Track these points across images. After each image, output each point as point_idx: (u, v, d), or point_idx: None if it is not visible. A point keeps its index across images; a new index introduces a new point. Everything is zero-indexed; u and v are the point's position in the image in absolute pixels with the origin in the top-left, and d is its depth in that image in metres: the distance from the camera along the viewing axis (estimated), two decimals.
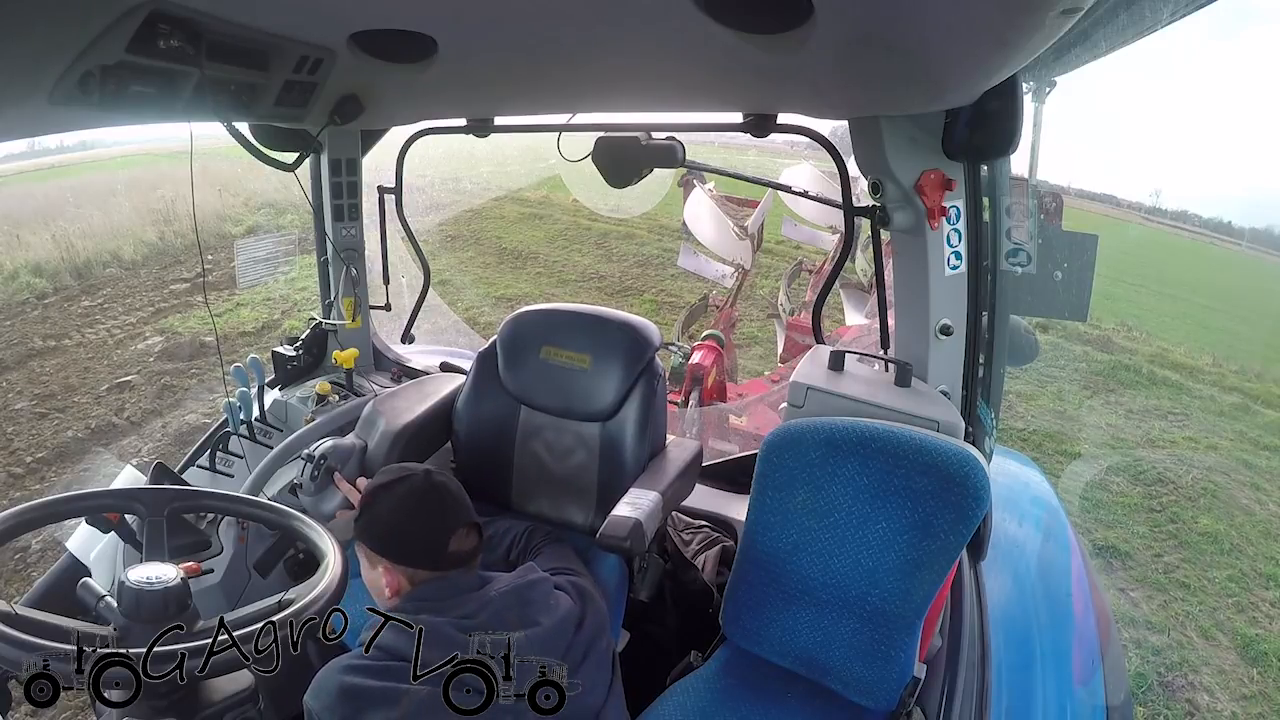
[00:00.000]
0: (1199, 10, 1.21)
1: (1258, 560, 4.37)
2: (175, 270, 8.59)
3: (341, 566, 1.08)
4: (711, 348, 3.74)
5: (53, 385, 5.81)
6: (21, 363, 6.21)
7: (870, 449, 1.33)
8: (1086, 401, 6.88)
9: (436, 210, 10.93)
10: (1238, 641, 3.65)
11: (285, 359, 2.10)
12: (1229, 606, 3.93)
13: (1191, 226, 16.27)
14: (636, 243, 10.89)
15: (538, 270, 9.81)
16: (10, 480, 4.45)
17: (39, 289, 7.75)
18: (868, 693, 1.32)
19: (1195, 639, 3.64)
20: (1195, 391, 7.62)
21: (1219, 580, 4.14)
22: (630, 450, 1.68)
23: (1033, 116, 1.77)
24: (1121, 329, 9.12)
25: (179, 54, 1.10)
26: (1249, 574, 4.24)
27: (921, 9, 0.88)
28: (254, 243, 5.97)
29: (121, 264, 8.70)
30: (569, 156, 1.87)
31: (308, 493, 1.56)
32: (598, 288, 9.18)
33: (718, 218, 4.13)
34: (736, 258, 4.18)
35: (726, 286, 4.41)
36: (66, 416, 5.28)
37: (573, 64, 1.38)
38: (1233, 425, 6.78)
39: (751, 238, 4.14)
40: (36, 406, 5.41)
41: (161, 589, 0.93)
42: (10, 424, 5.16)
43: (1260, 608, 3.93)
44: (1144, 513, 4.83)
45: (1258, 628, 3.73)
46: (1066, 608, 1.90)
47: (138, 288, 8.10)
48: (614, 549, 1.38)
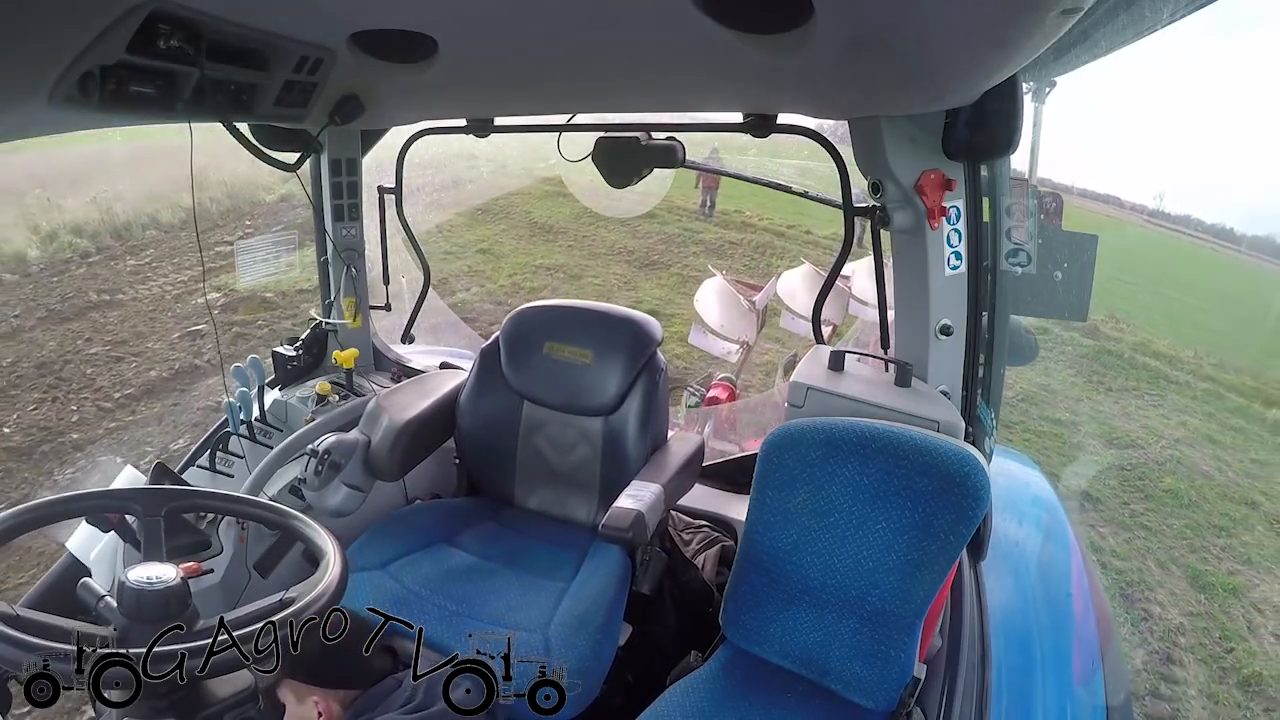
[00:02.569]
0: (1199, 9, 1.20)
1: (1212, 515, 5.09)
2: (215, 234, 8.80)
3: (342, 566, 1.08)
4: (726, 387, 4.25)
5: (121, 333, 6.14)
6: (81, 314, 6.53)
7: (870, 449, 1.33)
8: (1070, 378, 7.45)
9: (457, 186, 11.23)
10: (1188, 573, 4.33)
11: (285, 359, 2.10)
12: (1183, 547, 4.61)
13: (1193, 231, 16.30)
14: (659, 221, 11.36)
15: (569, 244, 10.25)
16: (101, 413, 4.85)
17: (81, 248, 8.00)
18: (868, 693, 1.32)
19: (1153, 568, 4.34)
20: (1172, 378, 8.24)
21: (1176, 527, 4.83)
22: (632, 444, 1.70)
23: (1033, 116, 1.77)
24: (1110, 320, 9.46)
25: (179, 54, 1.09)
26: (1203, 525, 4.93)
27: (921, 9, 0.88)
28: (254, 243, 6.17)
29: (160, 227, 8.85)
30: (569, 156, 1.88)
31: (311, 488, 1.57)
32: (627, 261, 9.67)
33: (726, 297, 4.68)
34: (742, 335, 4.65)
35: (732, 362, 4.82)
36: (143, 360, 5.63)
37: (573, 64, 1.38)
38: (1203, 407, 7.48)
39: (758, 314, 4.63)
40: (111, 351, 5.78)
41: (161, 589, 0.93)
42: (89, 366, 5.54)
43: (1210, 550, 4.62)
44: (1115, 469, 5.53)
45: (1207, 565, 4.42)
46: (1066, 608, 1.90)
47: (181, 249, 8.31)
48: (616, 540, 1.39)
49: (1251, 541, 4.85)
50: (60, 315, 6.48)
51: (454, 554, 1.60)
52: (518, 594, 1.49)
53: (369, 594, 1.42)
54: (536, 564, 1.60)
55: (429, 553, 1.59)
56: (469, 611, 1.43)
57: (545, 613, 1.43)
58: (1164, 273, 14.60)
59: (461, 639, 1.33)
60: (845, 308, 4.29)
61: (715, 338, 4.77)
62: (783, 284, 4.68)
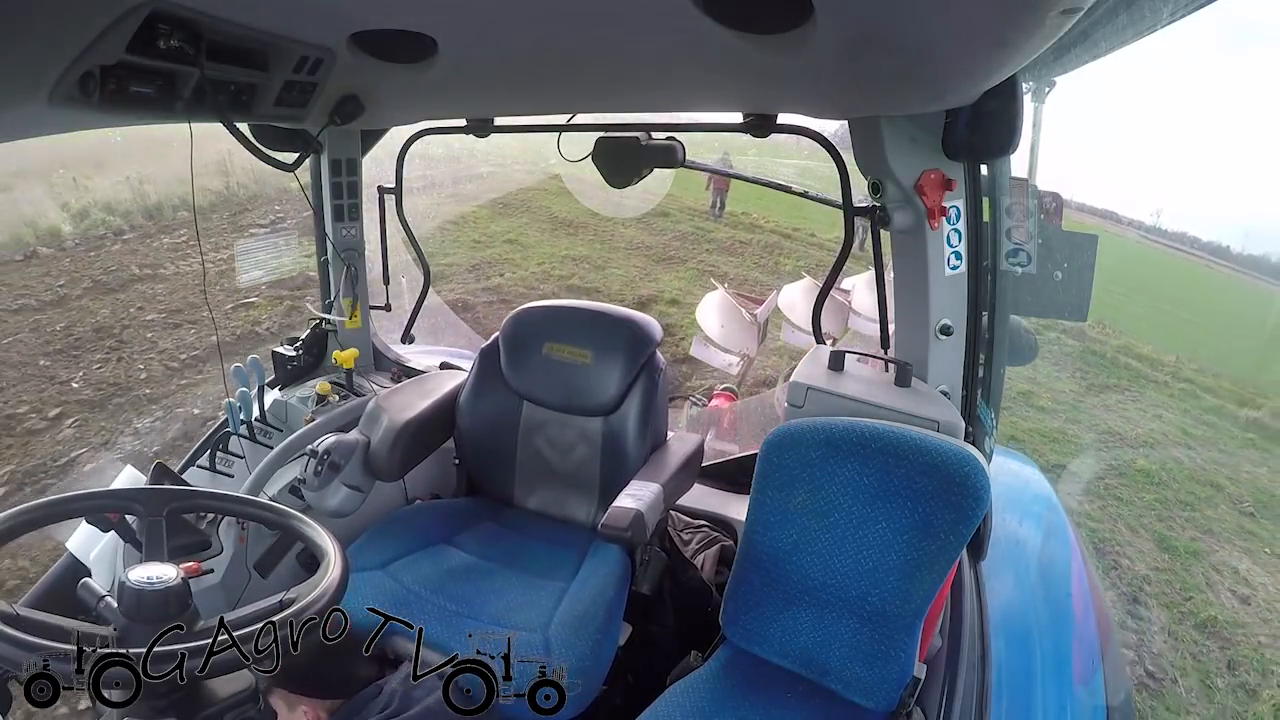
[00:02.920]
0: (1199, 9, 1.20)
1: (1180, 492, 5.71)
2: (247, 216, 9.03)
3: (342, 566, 1.08)
4: (727, 396, 4.33)
5: (174, 303, 6.40)
6: (126, 286, 6.77)
7: (870, 449, 1.33)
8: (1055, 373, 8.00)
9: (477, 180, 11.68)
10: (1155, 537, 4.92)
11: (285, 359, 2.10)
12: (1152, 517, 5.21)
13: (1189, 248, 16.38)
14: (672, 220, 11.99)
15: (589, 237, 10.68)
16: (169, 372, 5.11)
17: (114, 225, 8.22)
18: (868, 693, 1.32)
19: (1123, 530, 4.94)
20: (1152, 378, 8.90)
21: (1147, 499, 5.46)
22: (632, 444, 1.70)
23: (1033, 116, 1.77)
24: (1096, 325, 9.91)
25: (179, 54, 1.10)
26: (1170, 500, 5.53)
27: (921, 9, 0.88)
28: (254, 243, 6.27)
29: (190, 208, 8.95)
30: (569, 156, 1.88)
31: (311, 488, 1.57)
32: (646, 255, 10.16)
33: (727, 309, 4.73)
34: (742, 348, 4.70)
35: (733, 374, 4.86)
36: (201, 327, 5.88)
37: (573, 64, 1.38)
38: (1179, 404, 8.13)
39: (759, 326, 4.67)
40: (168, 319, 6.06)
41: (161, 589, 0.93)
42: (148, 331, 5.85)
43: (1176, 520, 5.23)
44: (1093, 450, 6.26)
45: (1172, 532, 5.03)
46: (1066, 608, 1.90)
47: (213, 230, 8.50)
48: (615, 539, 1.39)
49: (1214, 516, 5.39)
50: (106, 286, 6.65)
51: (454, 554, 1.60)
52: (517, 594, 1.49)
53: (369, 594, 1.42)
54: (536, 564, 1.60)
55: (429, 553, 1.59)
56: (469, 612, 1.43)
57: (545, 613, 1.43)
58: (1157, 286, 14.80)
59: (461, 639, 1.33)
60: (844, 320, 4.36)
61: (716, 350, 4.86)
62: (783, 298, 4.76)
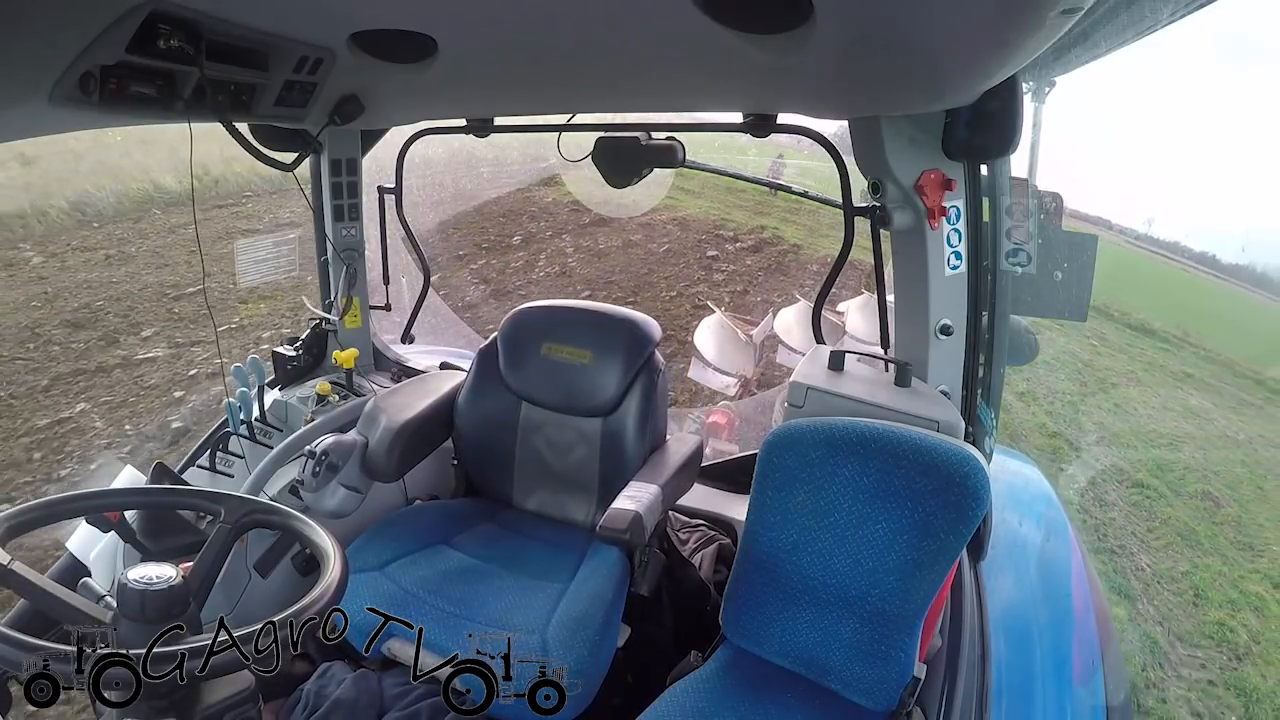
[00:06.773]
0: (1198, 9, 1.21)
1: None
2: (281, 198, 9.32)
3: (342, 566, 1.08)
4: (725, 413, 4.37)
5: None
6: (273, 229, 7.51)
7: (870, 449, 1.33)
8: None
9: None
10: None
11: (285, 359, 2.09)
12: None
13: (1182, 258, 16.48)
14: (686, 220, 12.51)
15: (608, 231, 10.99)
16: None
17: (160, 201, 8.61)
18: (868, 693, 1.32)
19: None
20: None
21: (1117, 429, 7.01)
22: (631, 445, 1.69)
23: (1033, 116, 1.77)
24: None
25: (179, 54, 1.09)
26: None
27: (921, 9, 0.88)
28: (254, 243, 6.42)
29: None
30: (569, 156, 1.88)
31: (309, 489, 1.57)
32: (667, 249, 10.57)
33: (723, 331, 4.81)
34: (739, 369, 4.75)
35: (730, 395, 4.89)
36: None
37: (573, 64, 1.38)
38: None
39: (755, 347, 4.75)
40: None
41: (162, 589, 0.93)
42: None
43: (1143, 464, 6.34)
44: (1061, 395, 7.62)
45: (1141, 472, 6.08)
46: (1066, 608, 1.90)
47: (275, 204, 8.86)
48: (613, 541, 1.38)
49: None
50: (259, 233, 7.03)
51: (452, 555, 1.60)
52: (516, 595, 1.49)
53: (367, 595, 1.42)
54: (535, 565, 1.60)
55: (427, 554, 1.58)
56: (467, 613, 1.42)
57: (543, 614, 1.43)
58: (1154, 291, 14.87)
59: (460, 640, 1.33)
60: (838, 342, 4.37)
61: (713, 372, 4.92)
62: (779, 322, 4.83)
